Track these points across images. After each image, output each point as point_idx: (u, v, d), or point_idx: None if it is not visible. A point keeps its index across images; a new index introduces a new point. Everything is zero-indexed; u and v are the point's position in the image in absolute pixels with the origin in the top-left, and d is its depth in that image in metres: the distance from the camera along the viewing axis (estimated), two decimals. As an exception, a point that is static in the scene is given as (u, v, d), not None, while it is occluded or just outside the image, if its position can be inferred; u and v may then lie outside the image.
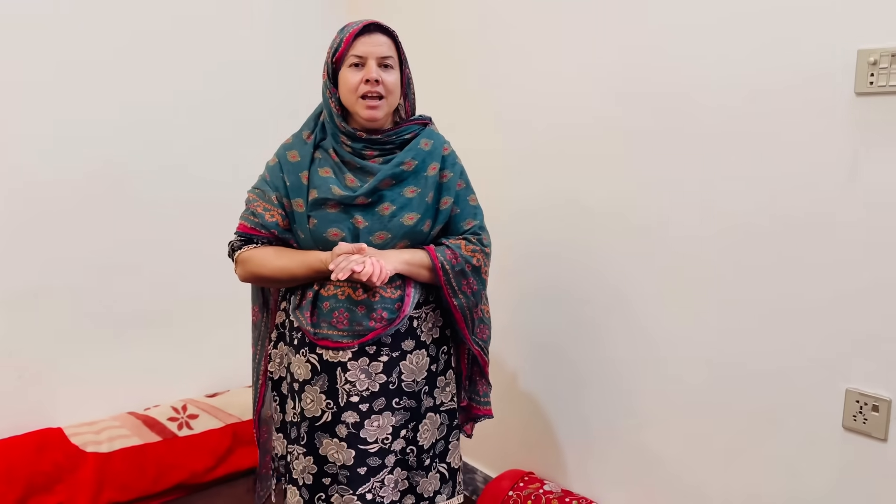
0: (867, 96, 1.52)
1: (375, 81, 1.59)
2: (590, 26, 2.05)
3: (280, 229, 1.68)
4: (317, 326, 1.61)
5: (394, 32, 1.64)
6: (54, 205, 2.39)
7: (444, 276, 1.64)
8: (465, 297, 1.68)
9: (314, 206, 1.63)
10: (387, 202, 1.62)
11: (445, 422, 1.77)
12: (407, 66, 1.70)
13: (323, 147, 1.70)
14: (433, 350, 1.71)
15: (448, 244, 1.67)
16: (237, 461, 2.63)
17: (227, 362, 2.84)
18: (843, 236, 1.58)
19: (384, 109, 1.63)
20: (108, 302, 2.53)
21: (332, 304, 1.60)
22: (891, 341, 1.53)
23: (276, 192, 1.68)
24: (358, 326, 1.59)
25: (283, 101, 2.86)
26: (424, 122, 1.75)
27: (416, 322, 1.67)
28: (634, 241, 2.01)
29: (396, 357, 1.64)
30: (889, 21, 1.48)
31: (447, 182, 1.70)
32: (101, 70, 2.44)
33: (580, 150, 2.11)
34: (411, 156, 1.66)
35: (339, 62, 1.63)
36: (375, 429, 1.63)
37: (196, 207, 2.70)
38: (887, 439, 1.56)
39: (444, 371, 1.76)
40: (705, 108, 1.81)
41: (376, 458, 1.64)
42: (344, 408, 1.61)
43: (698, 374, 1.90)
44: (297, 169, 1.67)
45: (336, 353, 1.60)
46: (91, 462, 2.32)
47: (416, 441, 1.71)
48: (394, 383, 1.64)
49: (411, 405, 1.68)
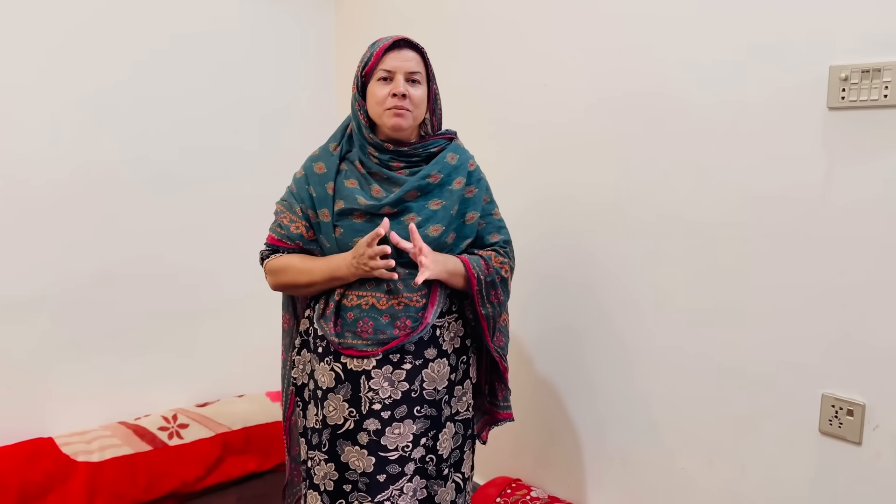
0: (839, 110, 1.58)
1: (402, 96, 1.62)
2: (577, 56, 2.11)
3: (304, 240, 1.71)
4: (341, 336, 1.64)
5: (422, 49, 1.68)
6: (43, 215, 2.41)
7: (478, 286, 1.67)
8: (491, 307, 1.72)
9: (340, 216, 1.66)
10: (412, 213, 1.65)
11: (461, 431, 1.78)
12: (434, 82, 1.73)
13: (349, 159, 1.73)
14: (453, 359, 1.73)
15: (481, 254, 1.72)
16: (228, 470, 2.64)
17: (217, 372, 2.86)
18: (818, 244, 1.64)
19: (409, 120, 1.66)
20: (99, 312, 2.55)
21: (356, 314, 1.63)
22: (864, 347, 1.59)
23: (302, 203, 1.71)
24: (382, 335, 1.61)
25: (272, 103, 2.90)
26: (450, 136, 1.78)
27: (438, 331, 1.69)
28: (617, 250, 2.05)
29: (419, 365, 1.66)
30: (859, 38, 1.55)
31: (473, 197, 1.73)
32: (91, 74, 2.47)
33: (569, 153, 2.16)
34: (437, 169, 1.68)
35: (369, 76, 1.67)
36: (396, 436, 1.65)
37: (186, 219, 2.72)
38: (861, 443, 1.61)
39: (462, 381, 1.77)
40: (676, 123, 1.87)
41: (396, 466, 1.65)
42: (366, 415, 1.63)
43: (681, 380, 1.94)
44: (323, 180, 1.70)
45: (360, 361, 1.63)
46: (82, 471, 2.33)
47: (436, 450, 1.72)
48: (416, 391, 1.66)
49: (432, 413, 1.69)
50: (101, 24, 2.45)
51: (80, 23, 2.41)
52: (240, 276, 2.87)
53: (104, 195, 2.52)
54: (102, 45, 2.46)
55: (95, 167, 2.49)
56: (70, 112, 2.42)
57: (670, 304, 1.94)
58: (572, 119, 2.14)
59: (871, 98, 1.52)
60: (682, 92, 1.86)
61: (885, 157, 1.52)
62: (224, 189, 2.81)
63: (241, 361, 2.92)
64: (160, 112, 2.61)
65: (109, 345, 2.59)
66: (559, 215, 2.19)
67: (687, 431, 1.94)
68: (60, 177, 2.42)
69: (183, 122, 2.68)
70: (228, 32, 2.77)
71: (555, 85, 2.18)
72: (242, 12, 2.79)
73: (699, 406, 1.91)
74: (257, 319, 2.94)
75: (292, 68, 2.96)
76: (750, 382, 1.79)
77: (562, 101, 2.17)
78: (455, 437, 1.77)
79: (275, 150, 2.92)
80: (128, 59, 2.52)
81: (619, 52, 2.00)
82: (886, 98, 1.50)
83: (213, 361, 2.85)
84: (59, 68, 2.38)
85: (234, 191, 2.84)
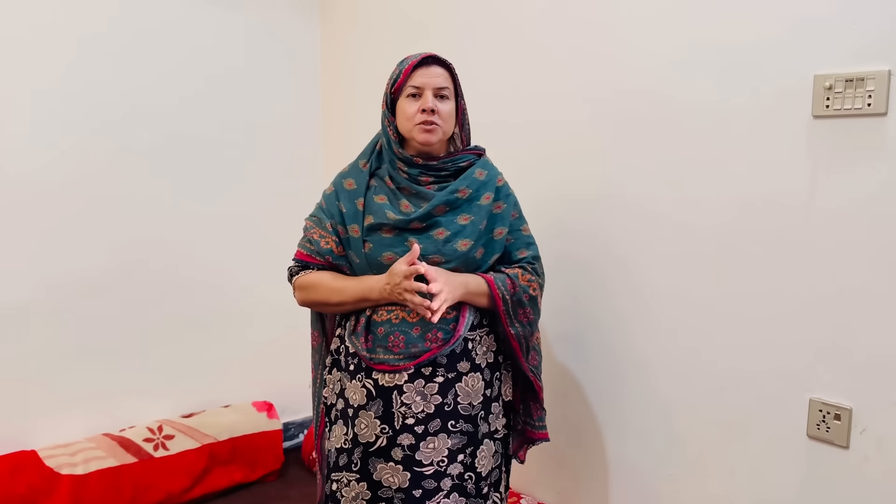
0: (823, 119, 1.61)
1: (431, 111, 1.64)
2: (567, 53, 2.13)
3: (334, 255, 1.70)
4: (372, 352, 1.63)
5: (451, 65, 1.70)
6: (25, 226, 2.39)
7: (504, 306, 1.66)
8: (521, 326, 1.71)
9: (369, 231, 1.66)
10: (441, 227, 1.65)
11: (500, 450, 1.77)
12: (462, 98, 1.74)
13: (378, 175, 1.74)
14: (487, 374, 1.71)
15: (507, 272, 1.70)
16: (214, 481, 2.63)
17: (202, 382, 2.84)
18: (805, 250, 1.66)
19: (438, 135, 1.67)
20: (82, 322, 2.52)
21: (386, 329, 1.62)
22: (850, 352, 1.61)
23: (332, 219, 1.71)
24: (414, 348, 1.60)
25: (257, 115, 2.90)
26: (479, 152, 1.79)
27: (471, 344, 1.68)
28: (602, 253, 2.07)
29: (452, 378, 1.64)
30: (842, 48, 1.57)
31: (501, 213, 1.73)
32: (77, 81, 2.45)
33: (555, 158, 2.18)
34: (466, 184, 1.69)
35: (398, 92, 1.69)
36: (431, 451, 1.63)
37: (171, 230, 2.70)
38: (849, 447, 1.63)
39: (498, 397, 1.76)
40: (665, 131, 1.89)
41: (431, 481, 1.63)
42: (399, 430, 1.62)
43: (669, 385, 1.96)
44: (353, 196, 1.71)
45: (392, 376, 1.61)
46: (66, 484, 2.30)
47: (475, 467, 1.69)
48: (449, 405, 1.64)
49: (468, 429, 1.67)
50: (72, 24, 2.44)
51: (64, 30, 2.40)
52: (225, 286, 2.87)
53: (91, 203, 2.50)
54: (82, 46, 2.46)
55: (81, 174, 2.47)
56: (55, 130, 2.41)
57: (657, 308, 1.96)
58: (557, 122, 2.16)
59: (854, 107, 1.55)
60: (670, 98, 1.88)
61: (869, 164, 1.55)
62: (209, 201, 2.79)
63: (226, 372, 2.90)
64: (142, 123, 2.60)
65: (94, 355, 2.56)
66: (542, 218, 2.19)
67: (675, 436, 1.96)
68: (44, 183, 2.40)
69: (168, 134, 2.66)
70: (213, 45, 2.77)
71: (539, 89, 2.20)
72: (225, 24, 2.79)
73: (687, 411, 1.92)
74: (243, 329, 2.93)
75: (277, 79, 2.96)
76: (738, 387, 1.81)
77: (547, 105, 2.18)
78: (495, 455, 1.75)
79: (259, 163, 2.92)
80: (111, 71, 2.51)
81: (607, 55, 2.02)
82: (870, 107, 1.53)
83: (199, 372, 2.82)
84: (49, 95, 2.37)
85: (219, 203, 2.82)
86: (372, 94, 2.79)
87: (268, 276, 2.92)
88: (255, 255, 2.93)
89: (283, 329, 2.99)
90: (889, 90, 1.51)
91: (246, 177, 2.89)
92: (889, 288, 1.55)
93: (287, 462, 2.93)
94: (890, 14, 1.51)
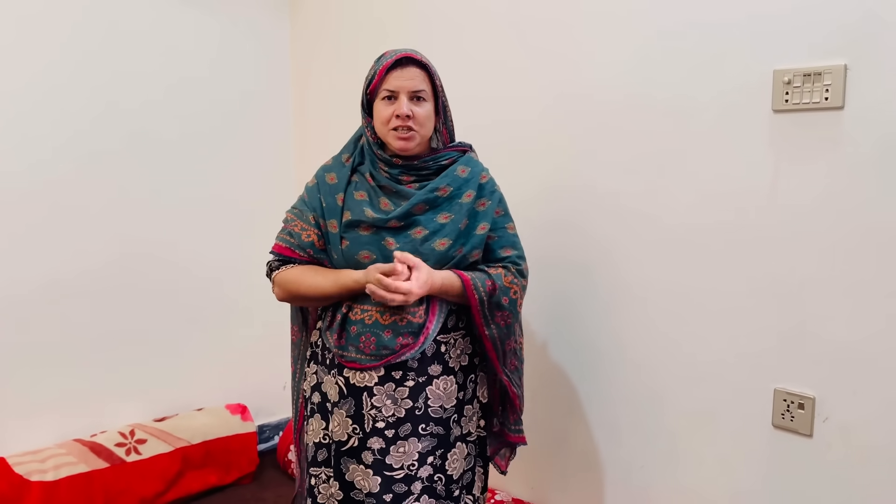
0: (783, 113, 1.63)
1: (406, 116, 1.60)
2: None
3: (315, 249, 1.69)
4: (344, 349, 1.62)
5: (428, 64, 1.65)
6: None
7: (480, 306, 1.63)
8: (497, 329, 1.67)
9: (347, 228, 1.65)
10: (420, 227, 1.63)
11: (473, 452, 1.76)
12: (443, 95, 1.69)
13: (360, 171, 1.72)
14: (461, 377, 1.69)
15: (488, 272, 1.66)
16: (188, 485, 2.61)
17: (175, 386, 2.81)
18: (767, 242, 1.70)
19: (415, 140, 1.64)
20: (51, 324, 2.49)
21: (359, 329, 1.60)
22: (813, 342, 1.64)
23: (314, 212, 1.69)
24: (384, 350, 1.58)
25: (229, 111, 2.89)
26: (464, 149, 1.76)
27: (443, 347, 1.66)
28: (572, 248, 2.08)
29: (423, 382, 1.62)
30: (801, 43, 1.61)
31: (485, 210, 1.69)
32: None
33: (524, 156, 2.19)
34: (447, 182, 1.66)
35: (373, 94, 1.66)
36: (401, 455, 1.62)
37: (141, 231, 2.68)
38: (812, 435, 1.66)
39: (472, 400, 1.74)
40: (631, 127, 1.91)
41: (402, 485, 1.62)
42: (370, 434, 1.61)
43: (639, 378, 1.98)
44: (333, 191, 1.69)
45: (363, 376, 1.61)
46: (36, 491, 2.27)
47: (445, 470, 1.69)
48: (420, 409, 1.63)
49: (439, 432, 1.66)
50: (46, 23, 2.42)
51: (34, 36, 2.37)
52: (198, 287, 2.84)
53: (60, 207, 2.47)
54: (56, 46, 2.43)
55: (48, 178, 2.45)
56: (27, 132, 2.38)
57: (624, 302, 1.98)
58: (525, 122, 2.17)
59: (812, 101, 1.58)
60: (634, 97, 1.90)
61: (827, 156, 1.58)
62: (180, 203, 2.77)
63: (199, 374, 2.88)
64: (113, 124, 2.57)
65: (63, 359, 2.53)
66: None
67: (646, 429, 1.98)
68: (11, 187, 2.37)
69: (138, 132, 2.64)
70: (184, 45, 2.74)
71: (504, 91, 2.21)
72: (196, 23, 2.77)
73: (656, 403, 1.95)
74: (216, 331, 2.91)
75: (249, 76, 2.94)
76: (705, 379, 1.84)
77: (513, 107, 2.20)
78: (467, 458, 1.74)
79: (228, 159, 2.90)
80: (83, 71, 2.48)
81: (568, 56, 2.04)
82: (827, 101, 1.56)
83: (171, 375, 2.80)
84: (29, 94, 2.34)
85: (189, 205, 2.80)
86: (340, 90, 2.80)
87: (240, 278, 2.92)
88: (228, 258, 2.91)
89: (256, 331, 2.98)
90: (846, 84, 1.54)
91: (215, 178, 2.87)
92: (849, 278, 1.58)
93: (262, 465, 2.92)
94: (845, 9, 1.54)
